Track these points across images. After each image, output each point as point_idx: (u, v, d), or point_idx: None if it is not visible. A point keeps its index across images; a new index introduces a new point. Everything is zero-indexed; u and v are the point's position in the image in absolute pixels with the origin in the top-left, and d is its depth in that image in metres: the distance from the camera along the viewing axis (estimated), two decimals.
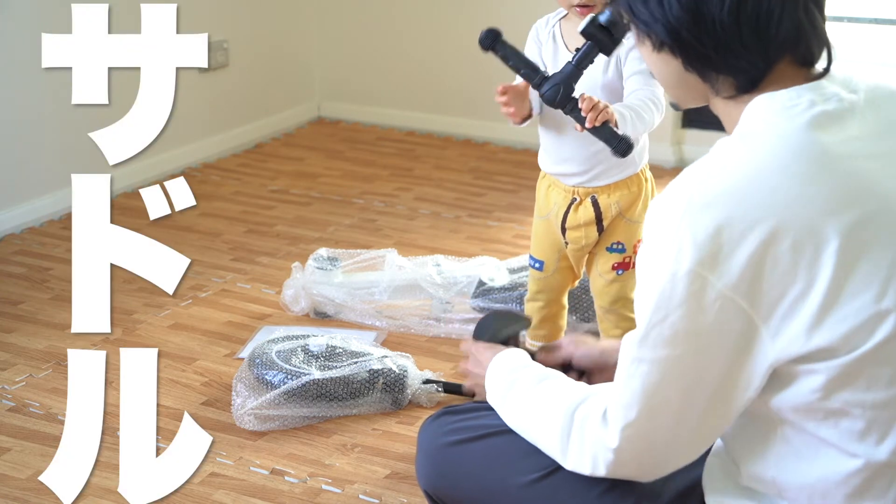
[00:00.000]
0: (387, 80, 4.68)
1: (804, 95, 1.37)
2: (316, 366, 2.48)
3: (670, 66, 1.42)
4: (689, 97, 1.46)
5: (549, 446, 1.56)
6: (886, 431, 1.35)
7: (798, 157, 1.33)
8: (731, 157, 1.35)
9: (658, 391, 1.37)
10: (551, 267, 2.52)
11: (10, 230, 3.51)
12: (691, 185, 1.33)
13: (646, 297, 1.35)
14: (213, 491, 2.24)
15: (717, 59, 1.38)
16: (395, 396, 2.50)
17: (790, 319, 1.31)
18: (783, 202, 1.30)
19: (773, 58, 1.37)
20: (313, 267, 3.02)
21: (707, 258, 1.29)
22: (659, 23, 1.38)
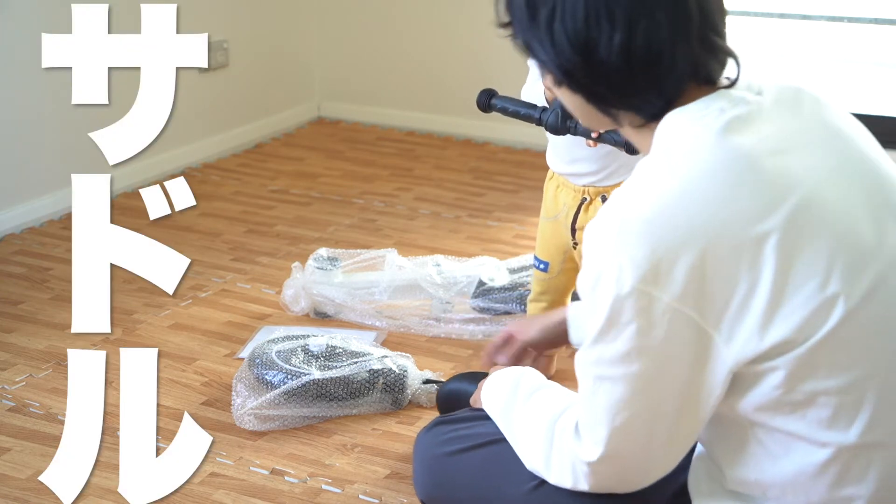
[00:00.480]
0: (387, 80, 4.68)
1: (712, 104, 1.38)
2: (316, 366, 2.48)
3: (574, 100, 1.44)
4: (600, 125, 1.48)
5: (534, 463, 1.59)
6: (852, 415, 1.36)
7: (719, 165, 1.34)
8: (655, 176, 1.36)
9: (623, 407, 1.39)
10: (556, 268, 2.52)
11: (10, 230, 3.51)
12: (622, 210, 1.35)
13: (595, 321, 1.36)
14: (213, 491, 2.24)
15: (614, 98, 1.39)
16: (395, 396, 2.50)
17: (741, 322, 1.32)
18: (714, 211, 1.32)
19: (670, 94, 1.38)
20: (313, 267, 3.02)
21: (648, 275, 1.31)
22: (553, 63, 1.39)
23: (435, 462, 1.76)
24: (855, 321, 1.33)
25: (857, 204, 1.38)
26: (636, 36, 1.34)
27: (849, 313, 1.32)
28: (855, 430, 1.36)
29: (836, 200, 1.36)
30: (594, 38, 1.35)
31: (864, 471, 1.38)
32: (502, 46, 2.46)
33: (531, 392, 1.63)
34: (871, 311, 1.34)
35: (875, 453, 1.38)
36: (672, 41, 1.35)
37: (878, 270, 1.35)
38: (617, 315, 1.33)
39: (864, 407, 1.36)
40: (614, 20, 1.34)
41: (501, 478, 1.66)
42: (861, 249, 1.35)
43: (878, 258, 1.35)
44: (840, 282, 1.32)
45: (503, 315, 2.91)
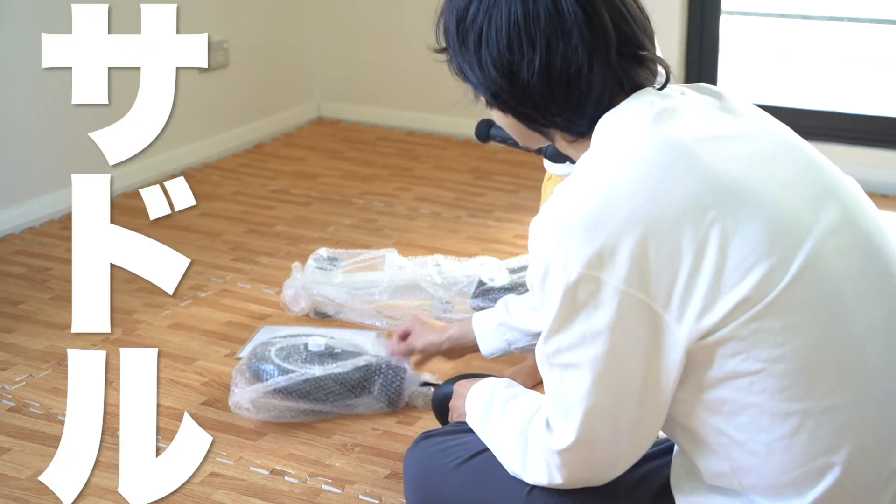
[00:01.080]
0: (387, 80, 4.68)
1: (641, 99, 1.44)
2: (314, 363, 2.48)
3: (506, 120, 1.53)
4: (535, 142, 1.56)
5: (514, 467, 1.62)
6: (809, 380, 1.38)
7: (654, 151, 1.39)
8: (592, 169, 1.42)
9: (587, 393, 1.42)
10: None
11: (10, 230, 3.51)
12: (562, 204, 1.40)
13: (548, 312, 1.41)
14: (213, 491, 2.24)
15: (540, 118, 1.47)
16: (391, 398, 2.50)
17: (689, 300, 1.36)
18: (651, 194, 1.36)
19: (592, 113, 1.45)
20: (313, 267, 3.02)
21: (594, 260, 1.36)
22: (482, 86, 1.49)
23: (425, 477, 1.77)
24: (794, 291, 1.37)
25: (793, 184, 1.43)
26: (554, 57, 1.42)
27: (788, 284, 1.36)
28: (816, 394, 1.38)
29: (771, 180, 1.42)
30: (517, 61, 1.44)
31: (834, 436, 1.40)
32: None
33: (506, 402, 1.68)
34: (809, 281, 1.38)
35: (840, 415, 1.39)
36: (589, 61, 1.42)
37: (813, 243, 1.39)
38: (569, 303, 1.38)
39: (820, 370, 1.38)
40: (534, 43, 1.42)
41: (491, 487, 1.67)
42: (797, 225, 1.39)
43: (813, 232, 1.39)
44: (778, 255, 1.36)
45: None
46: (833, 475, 1.40)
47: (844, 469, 1.40)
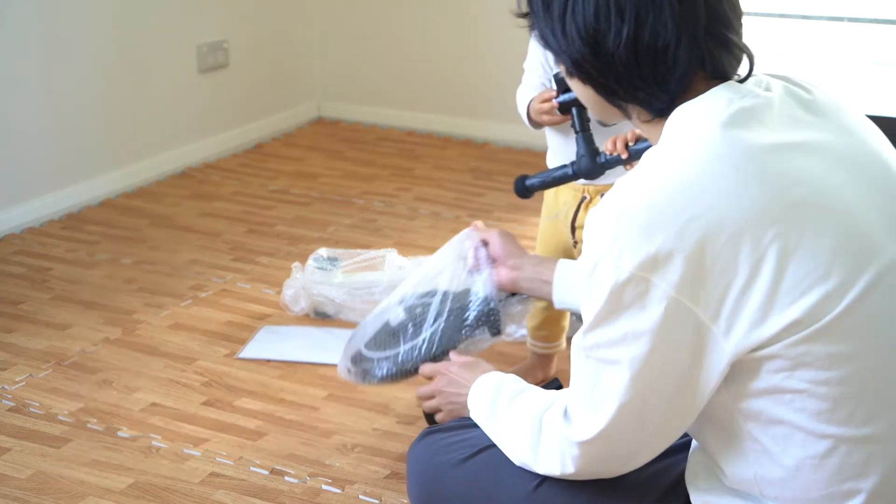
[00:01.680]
0: (387, 80, 4.68)
1: (721, 95, 1.40)
2: (404, 340, 2.32)
3: (584, 91, 1.49)
4: (610, 117, 1.52)
5: (523, 456, 1.61)
6: (851, 407, 1.36)
7: (723, 157, 1.35)
8: (658, 166, 1.38)
9: (619, 391, 1.40)
10: None
11: (10, 230, 3.51)
12: (623, 198, 1.37)
13: (593, 305, 1.39)
14: (213, 491, 2.24)
15: (621, 90, 1.43)
16: (493, 328, 2.33)
17: (739, 313, 1.33)
18: (714, 202, 1.33)
19: (674, 90, 1.42)
20: (313, 267, 3.02)
21: (647, 262, 1.33)
22: (565, 54, 1.45)
23: (429, 473, 1.77)
24: (853, 315, 1.34)
25: (867, 202, 1.39)
26: (643, 30, 1.38)
27: (848, 307, 1.33)
28: (854, 422, 1.36)
29: (844, 197, 1.37)
30: (603, 31, 1.39)
31: (864, 464, 1.38)
32: (502, 46, 2.47)
33: (513, 396, 1.67)
34: (870, 306, 1.35)
35: (875, 446, 1.38)
36: (678, 37, 1.38)
37: (876, 272, 1.35)
38: (615, 300, 1.36)
39: (862, 399, 1.36)
40: (623, 14, 1.38)
41: (496, 484, 1.67)
42: (866, 246, 1.36)
43: (877, 260, 1.36)
44: (840, 276, 1.33)
45: None
46: (856, 502, 1.39)
47: (868, 497, 1.39)
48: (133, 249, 3.41)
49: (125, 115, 3.90)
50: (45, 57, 3.57)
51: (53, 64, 3.60)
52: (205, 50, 4.20)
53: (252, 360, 2.77)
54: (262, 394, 2.61)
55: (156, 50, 3.99)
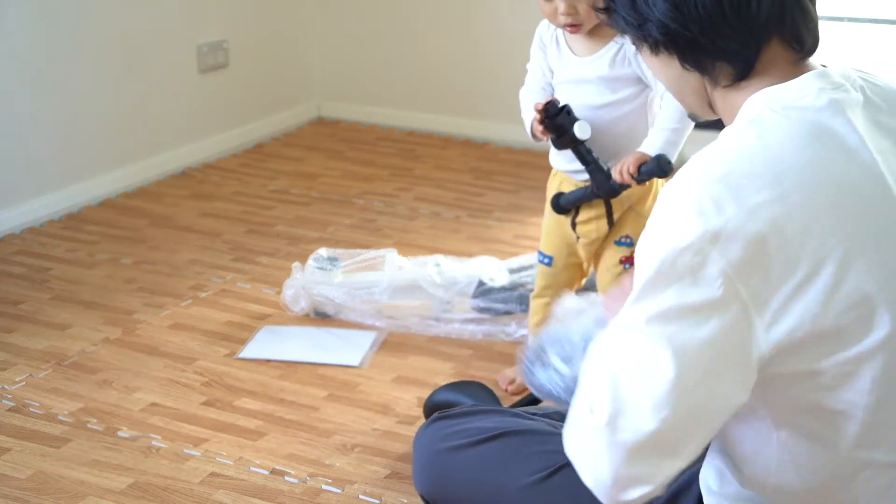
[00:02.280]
0: (387, 80, 4.68)
1: (812, 83, 1.39)
2: None
3: (671, 67, 1.46)
4: (695, 97, 1.49)
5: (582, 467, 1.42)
6: (885, 433, 1.35)
7: (807, 147, 1.34)
8: (739, 140, 1.36)
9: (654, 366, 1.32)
10: (560, 262, 2.53)
11: (10, 230, 3.51)
12: (700, 167, 1.34)
13: (645, 271, 1.33)
14: (213, 491, 2.24)
15: (707, 42, 1.41)
16: None
17: (787, 311, 1.29)
18: (791, 189, 1.30)
19: (760, 36, 1.40)
20: (313, 267, 3.02)
21: (711, 234, 1.29)
22: (649, 21, 1.43)
23: (435, 457, 1.76)
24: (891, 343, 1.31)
25: None
26: None
27: (888, 335, 1.31)
28: (885, 447, 1.35)
29: None
30: None
31: (886, 489, 1.37)
32: (502, 47, 2.47)
33: None
34: None
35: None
36: None
37: None
38: (669, 267, 1.30)
39: (892, 428, 1.35)
40: None
41: (501, 472, 1.66)
42: None
43: None
44: (889, 300, 1.31)
45: (503, 315, 2.91)
46: None
47: None
48: (133, 249, 3.41)
49: (125, 115, 3.90)
50: (45, 57, 3.56)
51: (53, 64, 3.60)
52: (205, 50, 4.20)
53: (252, 360, 2.77)
54: (262, 394, 2.61)
55: (156, 50, 3.99)
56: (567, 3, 2.28)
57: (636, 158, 2.30)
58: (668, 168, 2.28)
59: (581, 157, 2.37)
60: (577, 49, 2.39)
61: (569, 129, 2.34)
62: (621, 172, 2.30)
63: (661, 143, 2.31)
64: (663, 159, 2.28)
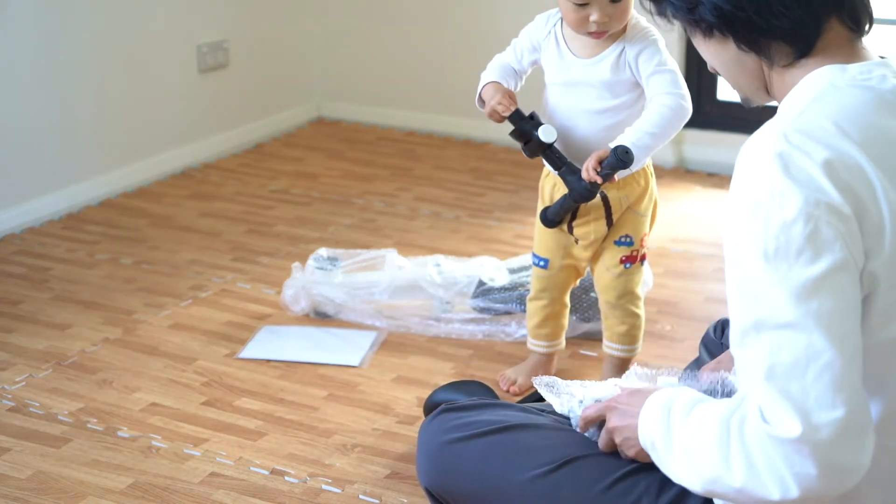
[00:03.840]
0: (387, 80, 4.68)
1: (875, 70, 1.42)
2: None
3: (726, 51, 1.47)
4: (751, 79, 1.49)
5: (713, 470, 1.35)
6: None
7: (884, 111, 1.37)
8: (812, 108, 1.38)
9: (820, 356, 1.27)
10: (556, 265, 2.52)
11: (10, 230, 3.51)
12: (775, 140, 1.34)
13: (754, 262, 1.30)
14: (213, 491, 2.24)
15: (762, 22, 1.41)
16: None
17: (878, 252, 1.32)
18: (872, 143, 1.34)
19: (819, 14, 1.41)
20: (313, 267, 3.02)
21: (813, 199, 1.29)
22: (701, 5, 1.44)
23: (439, 450, 1.75)
24: None
25: None
26: None
27: None
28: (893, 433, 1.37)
29: None
30: None
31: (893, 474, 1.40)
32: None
33: (690, 407, 1.42)
34: None
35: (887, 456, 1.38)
36: None
37: None
38: (784, 244, 1.29)
39: None
40: None
41: (506, 465, 1.65)
42: None
43: None
44: None
45: (503, 315, 2.91)
46: None
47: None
48: (133, 249, 3.41)
49: (125, 115, 3.90)
50: (45, 57, 3.56)
51: (53, 64, 3.59)
52: (205, 50, 4.20)
53: (252, 360, 2.76)
54: (262, 394, 2.61)
55: (156, 50, 3.99)
56: (602, 12, 2.25)
57: (597, 155, 2.26)
58: (627, 158, 2.22)
59: (551, 161, 2.36)
60: (577, 50, 2.37)
61: (532, 134, 2.34)
62: (587, 170, 2.28)
63: (628, 140, 2.26)
64: (620, 150, 2.22)
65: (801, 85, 1.43)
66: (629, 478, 1.56)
